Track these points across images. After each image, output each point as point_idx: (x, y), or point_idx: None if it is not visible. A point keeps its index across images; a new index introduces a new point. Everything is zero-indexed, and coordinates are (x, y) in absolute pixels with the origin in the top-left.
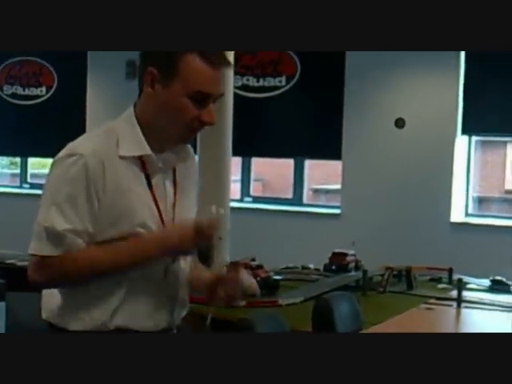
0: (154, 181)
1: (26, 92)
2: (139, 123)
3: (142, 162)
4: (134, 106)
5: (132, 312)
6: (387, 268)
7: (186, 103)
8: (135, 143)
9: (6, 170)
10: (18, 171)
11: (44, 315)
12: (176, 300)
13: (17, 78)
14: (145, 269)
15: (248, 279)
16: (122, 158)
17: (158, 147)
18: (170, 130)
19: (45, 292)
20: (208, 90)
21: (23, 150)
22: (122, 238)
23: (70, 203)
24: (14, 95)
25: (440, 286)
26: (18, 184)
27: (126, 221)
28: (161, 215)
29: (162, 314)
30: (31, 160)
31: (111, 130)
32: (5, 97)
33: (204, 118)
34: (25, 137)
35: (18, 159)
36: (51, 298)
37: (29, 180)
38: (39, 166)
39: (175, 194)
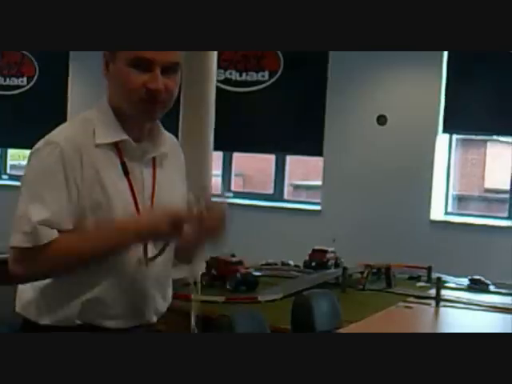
0: (130, 168)
1: (7, 82)
2: (112, 109)
3: (118, 149)
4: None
5: (102, 309)
6: (367, 265)
7: (127, 71)
8: (110, 130)
9: None
10: None
11: (17, 308)
12: (148, 298)
13: None
14: (117, 265)
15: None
16: (98, 146)
17: (135, 136)
18: (124, 104)
19: (20, 285)
20: (147, 54)
21: (3, 140)
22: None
23: (48, 192)
24: None
25: (419, 284)
26: None
27: (103, 208)
28: (136, 203)
29: (133, 311)
30: (11, 151)
31: (87, 119)
32: None
33: (149, 84)
34: (5, 127)
35: None
36: (24, 292)
37: (8, 171)
38: (19, 157)
39: (154, 184)
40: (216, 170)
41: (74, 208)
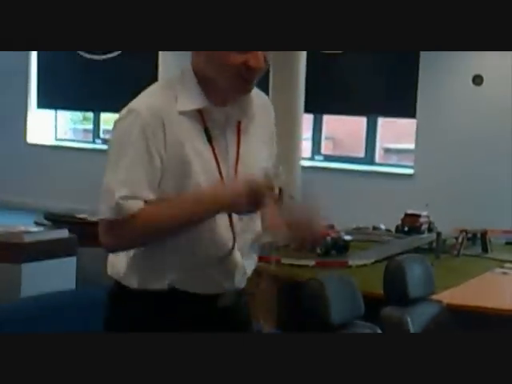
0: (214, 135)
1: None
2: (196, 76)
3: (201, 115)
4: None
5: (191, 276)
6: (461, 230)
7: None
8: (194, 97)
9: (79, 126)
10: (90, 127)
11: (109, 271)
12: (237, 266)
13: None
14: (206, 234)
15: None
16: (180, 112)
17: (220, 100)
18: (220, 80)
19: None
20: None
21: (96, 105)
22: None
23: (130, 164)
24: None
25: None
26: (91, 139)
27: (186, 176)
28: (220, 170)
29: (222, 279)
30: (104, 115)
31: (169, 84)
32: (78, 51)
33: (250, 62)
34: (98, 92)
35: (90, 114)
36: (116, 256)
37: (101, 135)
38: (112, 121)
39: (238, 151)
40: (306, 133)
41: (157, 178)
